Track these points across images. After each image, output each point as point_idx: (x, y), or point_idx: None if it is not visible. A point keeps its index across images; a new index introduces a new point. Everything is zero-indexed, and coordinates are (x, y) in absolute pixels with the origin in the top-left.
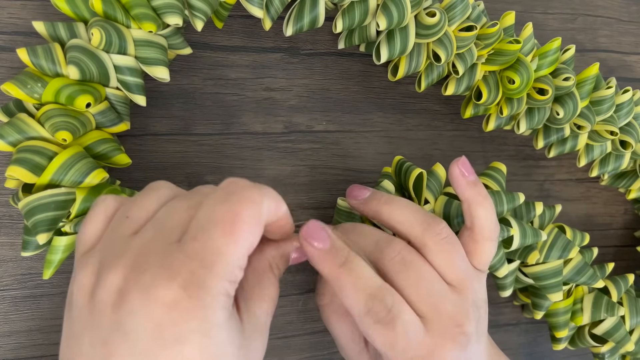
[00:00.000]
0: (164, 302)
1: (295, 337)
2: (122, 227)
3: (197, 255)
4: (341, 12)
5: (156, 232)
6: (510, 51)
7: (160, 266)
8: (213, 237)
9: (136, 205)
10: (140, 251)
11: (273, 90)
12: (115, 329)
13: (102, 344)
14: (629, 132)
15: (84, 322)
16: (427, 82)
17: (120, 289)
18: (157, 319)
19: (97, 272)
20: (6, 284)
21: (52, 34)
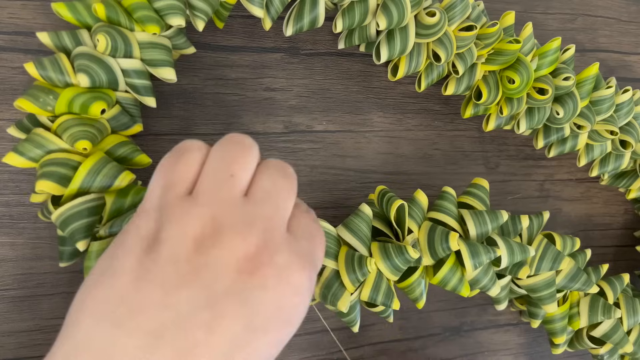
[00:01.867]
0: (294, 287)
1: (295, 337)
2: (229, 186)
3: (310, 254)
4: (341, 12)
5: (272, 209)
6: (510, 51)
7: (291, 253)
8: (317, 247)
9: (239, 165)
10: (265, 226)
11: (273, 90)
12: (235, 296)
13: (209, 306)
14: (629, 131)
15: (181, 276)
16: (427, 82)
17: (252, 259)
18: (282, 301)
19: (213, 227)
20: (6, 283)
21: (57, 44)
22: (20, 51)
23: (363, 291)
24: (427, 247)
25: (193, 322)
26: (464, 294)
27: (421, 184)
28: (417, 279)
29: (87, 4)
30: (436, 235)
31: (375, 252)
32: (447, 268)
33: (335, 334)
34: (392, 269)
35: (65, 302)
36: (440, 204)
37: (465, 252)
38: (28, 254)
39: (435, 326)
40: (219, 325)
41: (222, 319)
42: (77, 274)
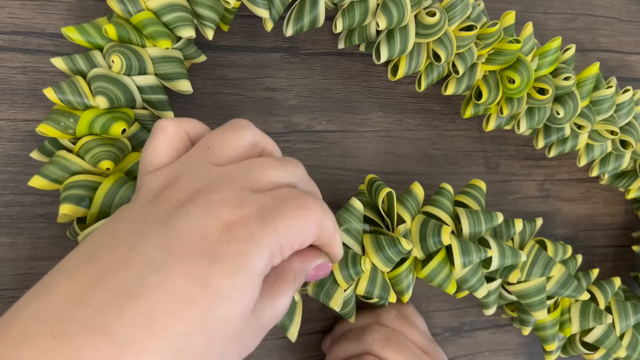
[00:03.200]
0: (222, 220)
1: None
2: (204, 155)
3: (267, 206)
4: (341, 12)
5: (238, 171)
6: (510, 51)
7: (232, 195)
8: (287, 204)
9: (219, 140)
10: (220, 178)
11: (273, 90)
12: (160, 222)
13: (137, 231)
14: (629, 131)
15: (132, 214)
16: (427, 81)
17: (189, 197)
18: (205, 231)
19: (174, 179)
20: (6, 283)
21: (72, 68)
22: (20, 51)
23: (359, 285)
24: (419, 239)
25: (120, 243)
26: (450, 291)
27: (421, 184)
28: (405, 270)
29: (96, 25)
30: (429, 228)
31: (368, 244)
32: (436, 263)
33: None
34: (384, 261)
35: None
36: (437, 199)
37: (457, 248)
38: (27, 254)
39: (436, 326)
40: (138, 244)
41: (143, 239)
42: None
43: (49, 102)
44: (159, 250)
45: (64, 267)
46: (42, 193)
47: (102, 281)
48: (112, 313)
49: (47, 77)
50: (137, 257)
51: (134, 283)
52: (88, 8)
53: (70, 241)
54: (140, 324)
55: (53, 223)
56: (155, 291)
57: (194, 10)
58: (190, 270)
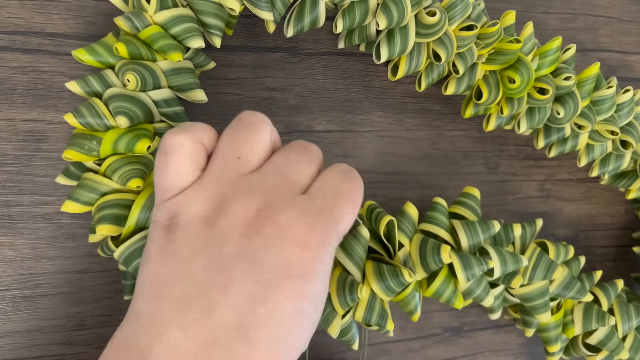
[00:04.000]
0: (298, 242)
1: None
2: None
3: (326, 211)
4: (341, 12)
5: (279, 178)
6: (510, 50)
7: (295, 211)
8: (340, 203)
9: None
10: (269, 191)
11: (273, 90)
12: (241, 258)
13: (221, 270)
14: (630, 131)
15: (196, 249)
16: (427, 81)
17: (252, 223)
18: (289, 256)
19: (217, 203)
20: (6, 284)
21: (87, 90)
22: (19, 51)
23: (357, 312)
24: (419, 260)
25: (210, 286)
26: (458, 306)
27: (421, 184)
28: (411, 292)
29: (105, 44)
30: (427, 248)
31: (370, 273)
32: (440, 280)
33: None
34: (386, 291)
35: (64, 303)
36: (431, 215)
37: (458, 264)
38: (27, 254)
39: (436, 327)
40: (232, 285)
41: (234, 279)
42: (75, 275)
43: (48, 102)
44: (256, 286)
45: (161, 317)
46: (42, 193)
47: (216, 323)
48: (241, 348)
49: (47, 77)
50: (237, 297)
51: (248, 318)
52: (88, 8)
53: (69, 241)
54: (268, 349)
55: (53, 223)
56: (269, 319)
57: (199, 19)
58: (290, 293)
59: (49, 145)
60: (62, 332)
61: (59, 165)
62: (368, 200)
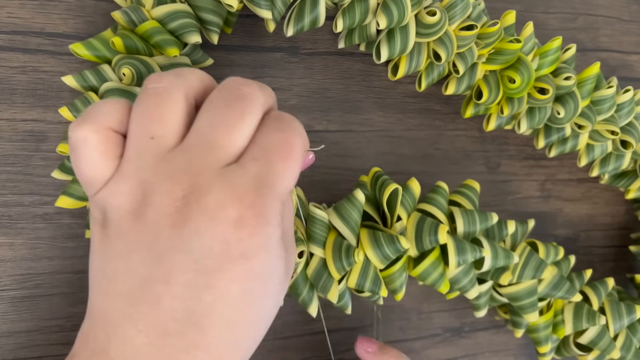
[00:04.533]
0: (232, 221)
1: (295, 337)
2: (152, 147)
3: (259, 177)
4: (341, 12)
5: (203, 149)
6: (510, 50)
7: (223, 188)
8: (274, 160)
9: (158, 123)
10: (194, 170)
11: (273, 90)
12: (175, 248)
13: (158, 262)
14: (630, 131)
15: (130, 244)
16: (427, 81)
17: (180, 210)
18: (224, 238)
19: (142, 193)
20: (5, 284)
21: (83, 84)
22: (19, 50)
23: (350, 278)
24: (415, 237)
25: (151, 280)
26: (443, 290)
27: (422, 184)
28: (399, 269)
29: (102, 38)
30: (425, 226)
31: (365, 239)
32: (429, 262)
33: (335, 335)
34: (381, 258)
35: (64, 303)
36: (432, 197)
37: (452, 247)
38: (27, 254)
39: (436, 327)
40: (172, 276)
41: (172, 271)
42: (75, 275)
43: (48, 102)
44: (196, 275)
45: (113, 313)
46: (42, 193)
47: (165, 314)
48: (194, 335)
49: (47, 77)
50: (179, 288)
51: (195, 306)
52: (87, 8)
53: (69, 241)
54: (223, 331)
55: (52, 223)
56: (217, 304)
57: (197, 15)
58: (235, 276)
59: (49, 145)
60: (62, 332)
61: (58, 165)
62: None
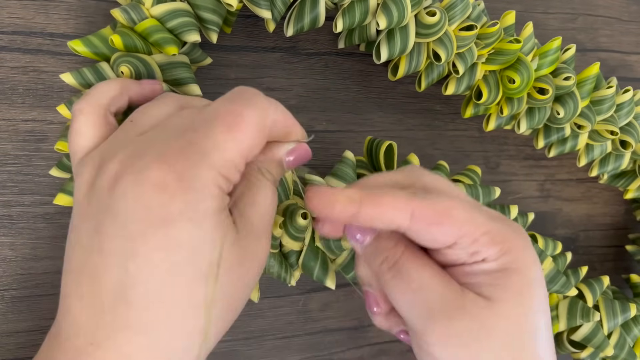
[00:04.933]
0: (154, 183)
1: (295, 337)
2: (126, 129)
3: (194, 144)
4: (341, 12)
5: (160, 131)
6: (510, 51)
7: (156, 152)
8: (214, 131)
9: (141, 112)
10: (142, 144)
11: (273, 90)
12: (106, 212)
13: (95, 230)
14: (629, 132)
15: (82, 214)
16: (427, 81)
17: (116, 174)
18: (146, 201)
19: (99, 164)
20: (6, 284)
21: (82, 82)
22: (20, 51)
23: None
24: None
25: (90, 250)
26: None
27: None
28: None
29: (101, 36)
30: None
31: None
32: None
33: (335, 335)
34: None
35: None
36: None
37: None
38: (27, 254)
39: None
40: (104, 243)
41: (104, 237)
42: None
43: (48, 102)
44: (123, 240)
45: (66, 291)
46: (42, 193)
47: (100, 288)
48: (122, 309)
49: (47, 77)
50: (110, 256)
51: (123, 277)
52: (88, 8)
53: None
54: (150, 307)
55: (53, 223)
56: (141, 274)
57: (196, 14)
58: (158, 243)
59: (49, 145)
60: None
61: None
62: None
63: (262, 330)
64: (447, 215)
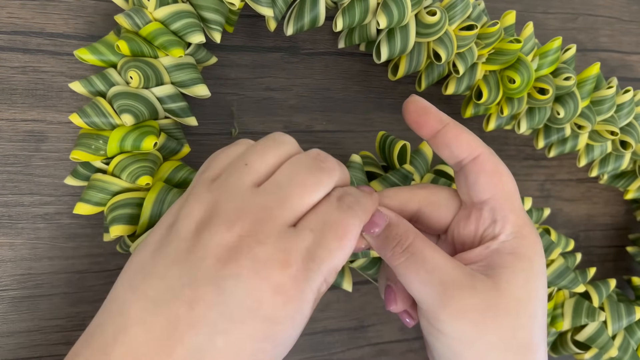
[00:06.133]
0: (273, 284)
1: None
2: (241, 175)
3: (310, 249)
4: (341, 11)
5: (276, 201)
6: (510, 51)
7: (276, 247)
8: (328, 237)
9: (256, 155)
10: (259, 217)
11: (273, 90)
12: (212, 282)
13: (190, 286)
14: (630, 132)
15: (177, 254)
16: (427, 81)
17: (232, 249)
18: (259, 297)
19: (211, 212)
20: (5, 284)
21: (91, 89)
22: (19, 51)
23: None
24: None
25: (178, 298)
26: None
27: None
28: None
29: (106, 42)
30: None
31: (379, 188)
32: None
33: (335, 335)
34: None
35: (64, 303)
36: None
37: None
38: (27, 254)
39: None
40: (198, 305)
41: (200, 300)
42: (75, 275)
43: (48, 102)
44: (219, 316)
45: (130, 312)
46: (42, 193)
47: (176, 337)
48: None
49: (47, 77)
50: (200, 319)
51: (206, 344)
52: (87, 8)
53: (69, 241)
54: None
55: (53, 223)
56: (226, 352)
57: (199, 14)
58: (254, 333)
59: (49, 145)
60: (62, 332)
61: (58, 166)
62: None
63: None
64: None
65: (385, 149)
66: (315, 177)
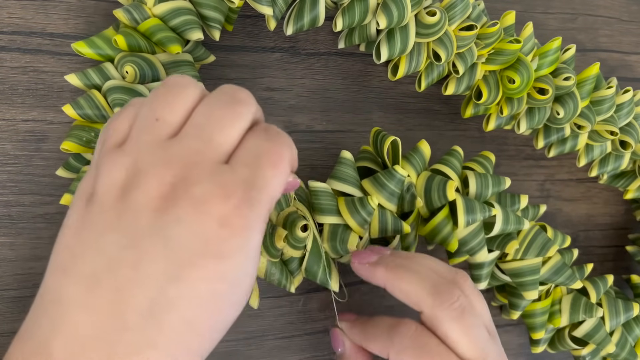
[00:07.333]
0: (216, 217)
1: (295, 337)
2: (154, 130)
3: (248, 180)
4: (341, 11)
5: (200, 142)
6: (510, 51)
7: (213, 182)
8: (262, 167)
9: (166, 107)
10: (187, 161)
11: (273, 90)
12: (153, 234)
13: (132, 246)
14: (629, 132)
15: (107, 222)
16: (427, 81)
17: (166, 196)
18: (205, 234)
19: (133, 172)
20: (6, 284)
21: (87, 82)
22: (20, 51)
23: (372, 229)
24: (424, 194)
25: (120, 263)
26: (452, 248)
27: None
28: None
29: (104, 36)
30: (434, 183)
31: (369, 187)
32: (439, 219)
33: None
34: (388, 196)
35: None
36: (447, 158)
37: (461, 204)
38: (27, 254)
39: None
40: (142, 262)
41: (144, 256)
42: None
43: (48, 102)
44: (167, 264)
45: (68, 297)
46: (42, 193)
47: (126, 304)
48: (151, 332)
49: (47, 77)
50: (147, 275)
51: (157, 299)
52: (88, 8)
53: None
54: (181, 332)
55: (53, 223)
56: (181, 300)
57: (198, 12)
58: (205, 273)
59: (49, 145)
60: None
61: (59, 165)
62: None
63: (262, 330)
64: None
65: (377, 145)
66: (232, 110)
